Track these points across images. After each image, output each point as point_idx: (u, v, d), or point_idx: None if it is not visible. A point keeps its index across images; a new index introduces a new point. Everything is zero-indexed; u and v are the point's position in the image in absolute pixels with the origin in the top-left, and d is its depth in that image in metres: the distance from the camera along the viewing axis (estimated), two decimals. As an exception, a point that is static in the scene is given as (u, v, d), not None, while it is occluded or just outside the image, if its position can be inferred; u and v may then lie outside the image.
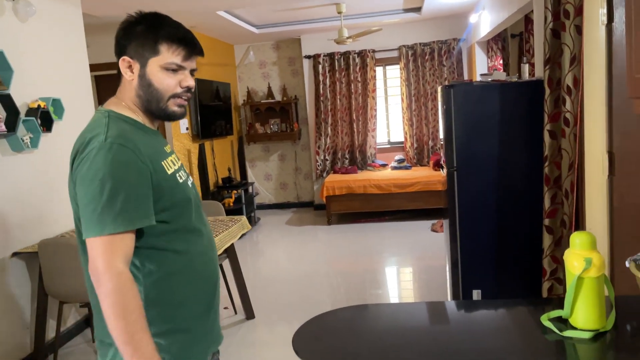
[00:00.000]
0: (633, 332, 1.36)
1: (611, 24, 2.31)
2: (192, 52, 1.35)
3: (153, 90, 1.32)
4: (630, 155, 2.22)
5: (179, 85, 1.34)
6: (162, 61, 1.31)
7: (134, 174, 1.20)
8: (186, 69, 1.35)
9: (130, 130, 1.29)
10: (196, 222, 1.37)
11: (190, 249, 1.34)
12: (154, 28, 1.33)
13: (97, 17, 5.03)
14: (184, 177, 1.39)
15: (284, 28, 6.84)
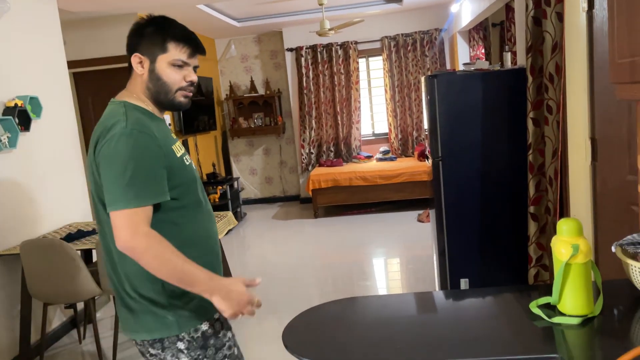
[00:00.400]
0: (620, 316, 1.37)
1: (592, 10, 2.32)
2: (195, 50, 1.54)
3: (162, 83, 1.49)
4: (612, 140, 2.24)
5: (184, 79, 1.51)
6: (170, 58, 1.48)
7: (151, 156, 1.38)
8: (190, 65, 1.53)
9: (144, 118, 1.45)
10: (201, 198, 1.56)
11: (196, 221, 1.52)
12: (162, 29, 1.50)
13: (73, 12, 4.93)
14: (188, 160, 1.56)
15: (265, 21, 6.78)
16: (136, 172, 1.34)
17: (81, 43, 5.46)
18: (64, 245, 2.94)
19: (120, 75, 5.92)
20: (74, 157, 4.02)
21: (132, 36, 1.52)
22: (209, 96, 6.94)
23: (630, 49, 1.30)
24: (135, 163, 1.34)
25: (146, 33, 1.49)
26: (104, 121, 1.44)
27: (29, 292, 3.14)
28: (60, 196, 3.79)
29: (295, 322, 1.54)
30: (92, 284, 3.00)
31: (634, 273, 1.35)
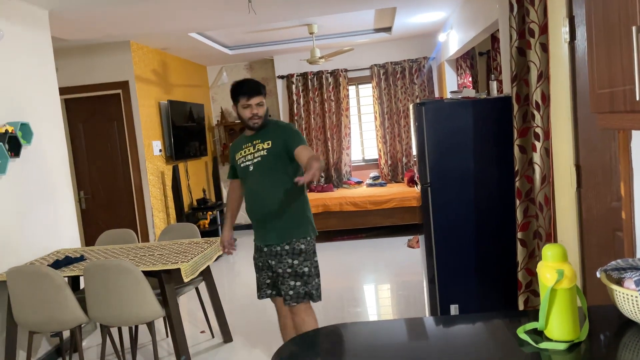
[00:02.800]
0: (606, 341, 1.38)
1: (573, 41, 2.39)
2: (251, 95, 2.70)
3: (241, 118, 2.78)
4: (596, 168, 2.29)
5: (250, 113, 2.73)
6: (241, 104, 2.74)
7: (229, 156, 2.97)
8: (252, 104, 2.71)
9: (240, 137, 2.91)
10: (245, 181, 2.83)
11: (244, 189, 2.87)
12: (235, 90, 2.76)
13: (66, 40, 4.98)
14: (242, 160, 2.79)
15: (256, 49, 6.88)
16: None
17: (73, 70, 5.49)
18: (50, 272, 2.91)
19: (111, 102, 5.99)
20: (63, 184, 4.01)
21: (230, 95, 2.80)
22: (200, 122, 6.98)
23: (609, 80, 1.34)
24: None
25: (232, 92, 2.77)
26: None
27: (14, 320, 3.09)
28: (48, 223, 3.76)
29: (284, 349, 1.54)
30: (79, 311, 2.96)
31: (619, 298, 1.37)
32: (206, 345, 3.70)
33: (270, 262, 2.78)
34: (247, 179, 2.78)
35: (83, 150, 5.74)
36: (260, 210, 2.76)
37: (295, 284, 2.72)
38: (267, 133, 2.75)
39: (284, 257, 2.72)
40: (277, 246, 2.73)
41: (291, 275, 2.72)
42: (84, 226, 5.77)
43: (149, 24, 4.80)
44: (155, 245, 3.57)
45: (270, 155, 2.70)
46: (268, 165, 2.71)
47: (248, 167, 2.75)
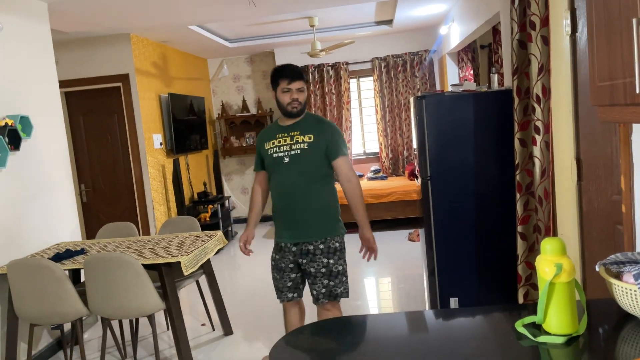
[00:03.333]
0: (605, 335, 1.38)
1: (575, 34, 2.38)
2: (292, 79, 2.58)
3: (280, 103, 2.63)
4: (596, 161, 2.28)
5: (289, 98, 2.59)
6: (281, 88, 2.60)
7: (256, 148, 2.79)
8: (292, 89, 2.58)
9: (270, 126, 2.76)
10: (276, 173, 2.64)
11: (272, 182, 2.67)
12: (275, 74, 2.63)
13: (66, 33, 4.96)
14: (273, 150, 2.62)
15: (257, 42, 6.86)
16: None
17: (73, 63, 5.48)
18: (51, 265, 2.91)
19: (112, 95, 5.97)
20: (64, 177, 4.01)
21: (270, 80, 2.67)
22: (200, 115, 6.97)
23: (609, 73, 1.33)
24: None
25: (271, 78, 2.65)
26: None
27: (15, 313, 3.10)
28: (49, 216, 3.77)
29: (283, 342, 1.54)
30: (80, 304, 2.97)
31: (618, 292, 1.37)
32: (207, 338, 3.72)
33: (300, 261, 2.64)
34: (279, 171, 2.60)
35: (83, 143, 5.73)
36: (293, 206, 2.60)
37: (329, 283, 2.64)
38: (307, 126, 2.62)
39: (318, 256, 2.61)
40: (310, 244, 2.61)
41: (325, 275, 2.62)
42: (84, 219, 5.78)
43: (149, 17, 4.78)
44: (155, 238, 3.57)
45: (310, 149, 2.56)
46: (306, 159, 2.57)
47: (282, 158, 2.58)
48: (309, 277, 2.66)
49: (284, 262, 2.68)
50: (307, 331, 1.63)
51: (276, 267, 2.72)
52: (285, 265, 2.69)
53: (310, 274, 2.64)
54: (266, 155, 2.65)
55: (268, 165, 2.66)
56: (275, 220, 2.70)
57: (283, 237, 2.67)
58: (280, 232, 2.69)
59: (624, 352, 1.28)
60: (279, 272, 2.71)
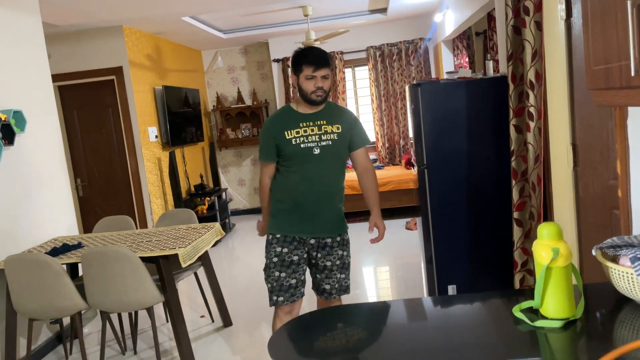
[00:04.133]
0: (602, 319, 1.39)
1: (570, 19, 2.36)
2: (318, 66, 2.35)
3: (303, 90, 2.40)
4: (592, 146, 2.28)
5: (314, 86, 2.37)
6: (304, 74, 2.38)
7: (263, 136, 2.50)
8: (317, 76, 2.36)
9: (281, 113, 2.50)
10: (302, 165, 2.42)
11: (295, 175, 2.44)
12: (299, 57, 2.39)
13: (58, 26, 4.92)
14: (303, 141, 2.40)
15: (251, 32, 6.81)
16: (260, 140, 2.51)
17: (66, 56, 5.44)
18: (48, 259, 2.91)
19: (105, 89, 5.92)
20: (59, 171, 3.99)
21: (290, 64, 2.44)
22: (195, 107, 6.93)
23: (604, 56, 1.33)
24: (259, 135, 2.52)
25: (293, 61, 2.41)
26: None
27: (13, 308, 3.10)
28: (45, 210, 3.76)
29: (282, 331, 1.54)
30: (78, 298, 2.97)
31: (614, 276, 1.37)
32: (206, 330, 3.73)
33: (314, 254, 2.51)
34: (307, 162, 2.41)
35: (78, 137, 5.70)
36: (319, 198, 2.45)
37: (341, 276, 2.56)
38: (332, 115, 2.48)
39: (335, 248, 2.52)
40: (328, 238, 2.51)
41: (339, 267, 2.54)
42: (81, 213, 5.77)
43: (141, 8, 4.74)
44: (153, 231, 3.57)
45: (339, 141, 2.44)
46: (336, 150, 2.45)
47: (312, 149, 2.40)
48: (321, 272, 2.53)
49: (297, 253, 2.47)
50: (306, 320, 1.64)
51: (282, 263, 2.46)
52: (299, 257, 2.48)
53: (325, 268, 2.52)
54: (288, 145, 2.40)
55: (290, 155, 2.41)
56: (289, 213, 2.48)
57: (297, 230, 2.47)
58: (294, 226, 2.47)
59: (621, 335, 1.29)
60: (286, 267, 2.46)
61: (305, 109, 2.45)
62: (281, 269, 2.46)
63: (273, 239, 2.50)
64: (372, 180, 2.62)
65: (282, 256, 2.46)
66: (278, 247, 2.48)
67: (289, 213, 2.48)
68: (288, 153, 2.41)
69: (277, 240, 2.49)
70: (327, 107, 2.49)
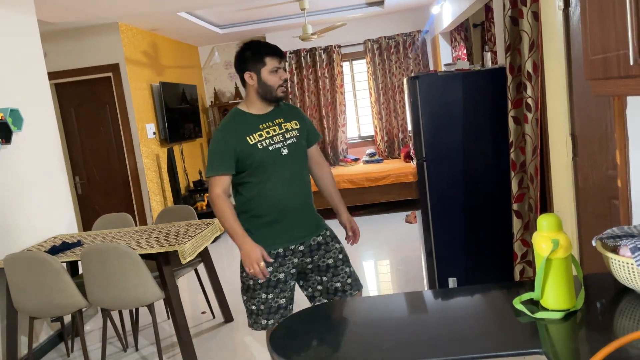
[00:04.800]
0: (603, 309, 1.39)
1: (568, 8, 2.35)
2: (282, 57, 2.19)
3: (268, 86, 2.15)
4: (592, 136, 2.28)
5: (280, 79, 2.16)
6: (269, 68, 2.14)
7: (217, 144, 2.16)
8: (281, 68, 2.17)
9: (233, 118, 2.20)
10: (272, 169, 2.16)
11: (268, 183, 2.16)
12: (259, 50, 2.16)
13: (53, 24, 4.89)
14: (269, 143, 2.16)
15: (248, 27, 6.78)
16: (210, 153, 2.17)
17: (62, 54, 5.41)
18: (47, 258, 2.90)
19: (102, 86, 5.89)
20: (57, 169, 3.98)
21: (238, 61, 2.19)
22: (193, 103, 6.91)
23: (602, 46, 1.32)
24: (210, 148, 2.18)
25: (248, 56, 2.16)
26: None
27: (14, 306, 3.10)
28: (44, 209, 3.75)
29: (282, 326, 1.54)
30: (79, 296, 2.97)
31: (615, 266, 1.37)
32: (207, 326, 3.73)
33: (309, 259, 2.26)
34: (278, 165, 2.17)
35: (76, 135, 5.69)
36: (301, 200, 2.25)
37: (349, 269, 2.34)
38: (286, 112, 2.28)
39: (331, 243, 2.32)
40: (318, 236, 2.29)
41: (343, 261, 2.32)
42: (80, 211, 5.76)
43: (137, 4, 4.71)
44: (152, 228, 3.56)
45: (301, 137, 2.26)
46: (301, 147, 2.26)
47: (279, 150, 2.16)
48: (326, 272, 2.29)
49: (282, 270, 2.21)
50: (307, 314, 1.64)
51: (268, 284, 2.19)
52: (286, 273, 2.22)
53: (328, 267, 2.28)
54: (255, 151, 2.13)
55: (258, 162, 2.14)
56: (271, 225, 2.19)
57: (288, 240, 2.21)
58: (279, 237, 2.20)
59: (621, 326, 1.28)
60: (273, 287, 2.20)
61: (258, 109, 2.21)
62: (267, 290, 2.19)
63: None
64: (331, 175, 2.46)
65: (267, 277, 2.17)
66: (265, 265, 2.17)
67: (271, 225, 2.19)
68: (256, 160, 2.13)
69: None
70: (277, 104, 2.28)
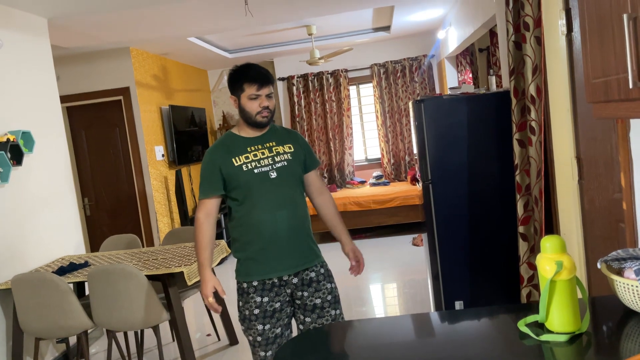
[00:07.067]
0: (609, 332, 1.38)
1: (571, 33, 2.38)
2: (261, 84, 2.11)
3: (246, 112, 2.14)
4: (597, 159, 2.28)
5: (259, 106, 2.11)
6: (247, 94, 2.11)
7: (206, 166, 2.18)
8: (262, 95, 2.11)
9: (224, 140, 2.21)
10: (260, 193, 2.11)
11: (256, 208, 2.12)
12: (237, 76, 2.14)
13: (66, 48, 5.00)
14: (255, 165, 2.12)
15: (256, 52, 6.89)
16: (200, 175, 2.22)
17: (74, 77, 5.52)
18: (55, 279, 2.92)
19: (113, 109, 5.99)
20: (67, 190, 4.03)
21: (228, 84, 2.20)
22: (202, 126, 6.99)
23: (603, 69, 1.34)
24: (200, 170, 2.22)
25: (232, 80, 2.16)
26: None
27: (20, 327, 3.11)
28: (52, 230, 3.78)
29: (287, 348, 1.54)
30: (85, 317, 2.98)
31: (620, 289, 1.36)
32: (213, 348, 3.71)
33: (299, 294, 2.18)
34: (266, 189, 2.11)
35: (86, 157, 5.76)
36: (291, 226, 2.14)
37: (335, 312, 2.23)
38: (279, 135, 2.24)
39: (322, 282, 2.21)
40: (312, 271, 2.19)
41: (331, 303, 2.22)
42: (88, 233, 5.79)
43: (147, 30, 4.82)
44: (159, 249, 3.58)
45: (294, 161, 2.18)
46: (293, 171, 2.18)
47: (267, 173, 2.11)
48: (311, 312, 2.19)
49: (279, 300, 2.15)
50: (313, 335, 1.63)
51: (264, 315, 2.13)
52: (282, 302, 2.16)
53: (315, 307, 2.18)
54: (239, 174, 2.10)
55: (243, 185, 2.11)
56: (262, 253, 2.14)
57: (280, 269, 2.14)
58: (271, 266, 2.13)
59: (627, 349, 1.27)
60: (269, 318, 2.13)
61: (249, 132, 2.18)
62: (264, 320, 2.13)
63: (249, 287, 2.15)
64: (332, 202, 2.37)
65: (263, 307, 2.13)
66: (257, 296, 2.14)
67: (261, 253, 2.13)
68: (241, 183, 2.10)
69: (254, 288, 2.14)
70: (272, 128, 2.23)
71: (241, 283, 2.20)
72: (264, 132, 2.20)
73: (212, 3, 4.16)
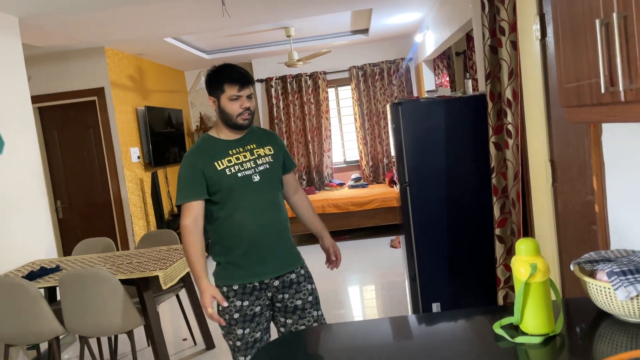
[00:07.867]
0: (582, 333, 1.39)
1: (545, 38, 2.42)
2: (242, 84, 2.07)
3: (226, 114, 2.09)
4: (570, 162, 2.32)
5: (240, 107, 2.07)
6: (227, 95, 2.07)
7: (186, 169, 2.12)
8: (242, 96, 2.07)
9: (202, 143, 2.15)
10: (243, 196, 2.08)
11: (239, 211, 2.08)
12: (217, 76, 2.10)
13: (38, 47, 4.89)
14: (238, 169, 2.08)
15: (234, 53, 6.85)
16: (179, 179, 2.14)
17: (47, 77, 5.40)
18: (25, 283, 2.84)
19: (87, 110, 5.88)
20: (38, 193, 3.93)
21: (206, 84, 2.15)
22: (179, 128, 6.91)
23: (576, 74, 1.36)
24: (179, 173, 2.15)
25: (211, 81, 2.12)
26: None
27: (-12, 334, 3.02)
28: (23, 233, 3.69)
29: (263, 352, 1.52)
30: (56, 323, 2.90)
31: (592, 290, 1.38)
32: (189, 353, 3.66)
33: (280, 296, 2.16)
34: (249, 193, 2.08)
35: (59, 158, 5.64)
36: (274, 230, 2.14)
37: (317, 313, 2.22)
38: (257, 137, 2.21)
39: (302, 284, 2.19)
40: (292, 273, 2.18)
41: (312, 304, 2.20)
42: (61, 236, 5.67)
43: (123, 30, 4.74)
44: (133, 253, 3.51)
45: (275, 163, 2.17)
46: (275, 174, 2.17)
47: (250, 177, 2.08)
48: (292, 313, 2.17)
49: (259, 304, 2.12)
50: (291, 339, 1.62)
51: (244, 319, 2.10)
52: (262, 306, 2.13)
53: (296, 308, 2.16)
54: (222, 178, 2.06)
55: (226, 190, 2.07)
56: (243, 257, 2.12)
57: (262, 273, 2.12)
58: (252, 270, 2.11)
59: (600, 350, 1.29)
60: (249, 322, 2.10)
61: (228, 134, 2.14)
62: (244, 325, 2.10)
63: (229, 291, 2.11)
64: (309, 201, 2.41)
65: (243, 310, 2.10)
66: (237, 300, 2.10)
67: (242, 257, 2.11)
68: (223, 187, 2.06)
69: (234, 292, 2.10)
70: (250, 129, 2.19)
71: (221, 287, 2.14)
72: (243, 133, 2.17)
73: (188, 3, 4.12)
